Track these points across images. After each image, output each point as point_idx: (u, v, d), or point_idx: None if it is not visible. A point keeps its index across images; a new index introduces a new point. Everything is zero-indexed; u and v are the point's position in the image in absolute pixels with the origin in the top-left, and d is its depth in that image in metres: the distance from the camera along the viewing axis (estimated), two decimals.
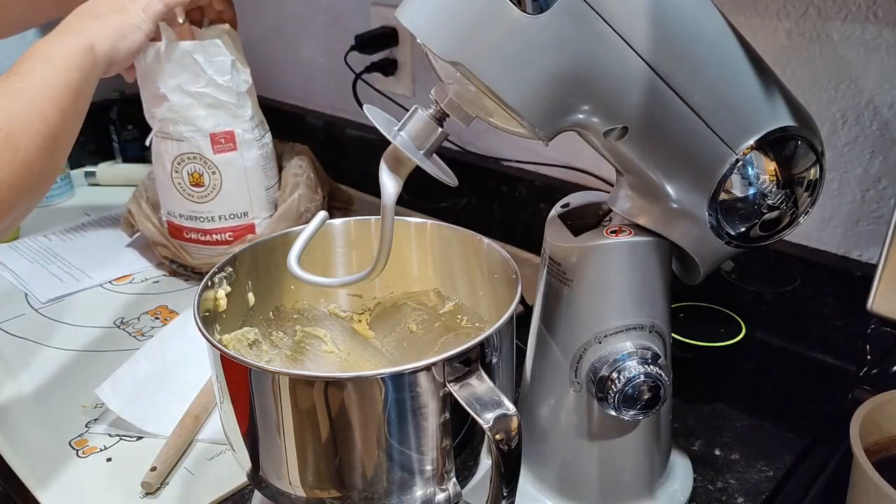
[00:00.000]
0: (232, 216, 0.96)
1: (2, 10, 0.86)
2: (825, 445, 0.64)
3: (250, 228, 0.97)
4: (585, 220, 0.56)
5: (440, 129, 0.48)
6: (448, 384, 0.45)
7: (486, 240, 0.58)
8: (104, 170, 1.30)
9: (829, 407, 0.72)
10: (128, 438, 0.70)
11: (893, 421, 0.55)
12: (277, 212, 0.97)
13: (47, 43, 0.69)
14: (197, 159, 0.92)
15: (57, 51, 0.69)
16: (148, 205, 1.01)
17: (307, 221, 0.56)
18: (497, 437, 0.43)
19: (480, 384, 0.45)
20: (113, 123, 1.34)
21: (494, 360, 0.48)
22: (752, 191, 0.49)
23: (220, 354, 0.47)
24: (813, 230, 0.79)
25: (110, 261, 1.02)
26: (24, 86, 0.64)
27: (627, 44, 0.44)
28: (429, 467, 0.47)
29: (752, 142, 0.48)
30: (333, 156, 1.22)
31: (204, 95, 0.90)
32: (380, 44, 1.11)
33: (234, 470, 0.64)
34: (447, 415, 0.46)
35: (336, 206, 1.09)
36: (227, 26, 0.95)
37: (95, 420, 0.72)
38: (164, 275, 0.99)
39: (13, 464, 0.67)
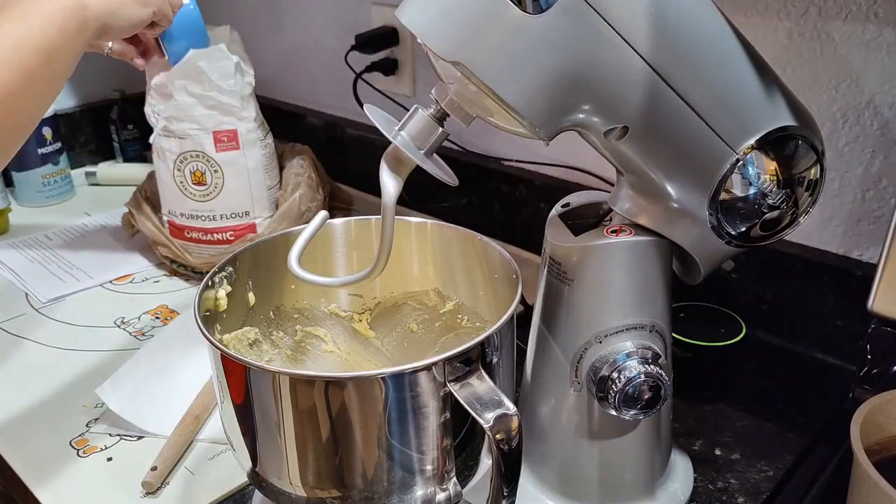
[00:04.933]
0: (233, 215, 0.96)
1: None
2: (825, 445, 0.64)
3: (251, 228, 0.97)
4: (586, 220, 0.56)
5: (441, 129, 0.48)
6: (448, 384, 0.45)
7: (486, 239, 0.58)
8: (104, 170, 1.30)
9: (830, 407, 0.72)
10: (128, 438, 0.70)
11: (894, 421, 0.55)
12: (278, 211, 0.97)
13: None
14: (199, 158, 0.92)
15: (37, 4, 0.59)
16: (148, 205, 1.01)
17: (308, 221, 0.56)
18: (497, 436, 0.43)
19: (481, 384, 0.45)
20: (113, 123, 1.34)
21: (495, 360, 0.48)
22: (752, 190, 0.49)
23: (221, 354, 0.47)
24: (813, 230, 0.79)
25: (110, 261, 1.02)
26: None
27: (628, 44, 0.44)
28: (429, 467, 0.47)
29: (752, 141, 0.48)
30: (334, 156, 1.22)
31: (207, 98, 0.90)
32: (380, 43, 1.11)
33: (234, 469, 0.64)
34: (447, 414, 0.46)
35: (336, 206, 1.09)
36: (228, 27, 0.95)
37: (96, 420, 0.72)
38: (165, 275, 0.99)
39: (13, 464, 0.67)
